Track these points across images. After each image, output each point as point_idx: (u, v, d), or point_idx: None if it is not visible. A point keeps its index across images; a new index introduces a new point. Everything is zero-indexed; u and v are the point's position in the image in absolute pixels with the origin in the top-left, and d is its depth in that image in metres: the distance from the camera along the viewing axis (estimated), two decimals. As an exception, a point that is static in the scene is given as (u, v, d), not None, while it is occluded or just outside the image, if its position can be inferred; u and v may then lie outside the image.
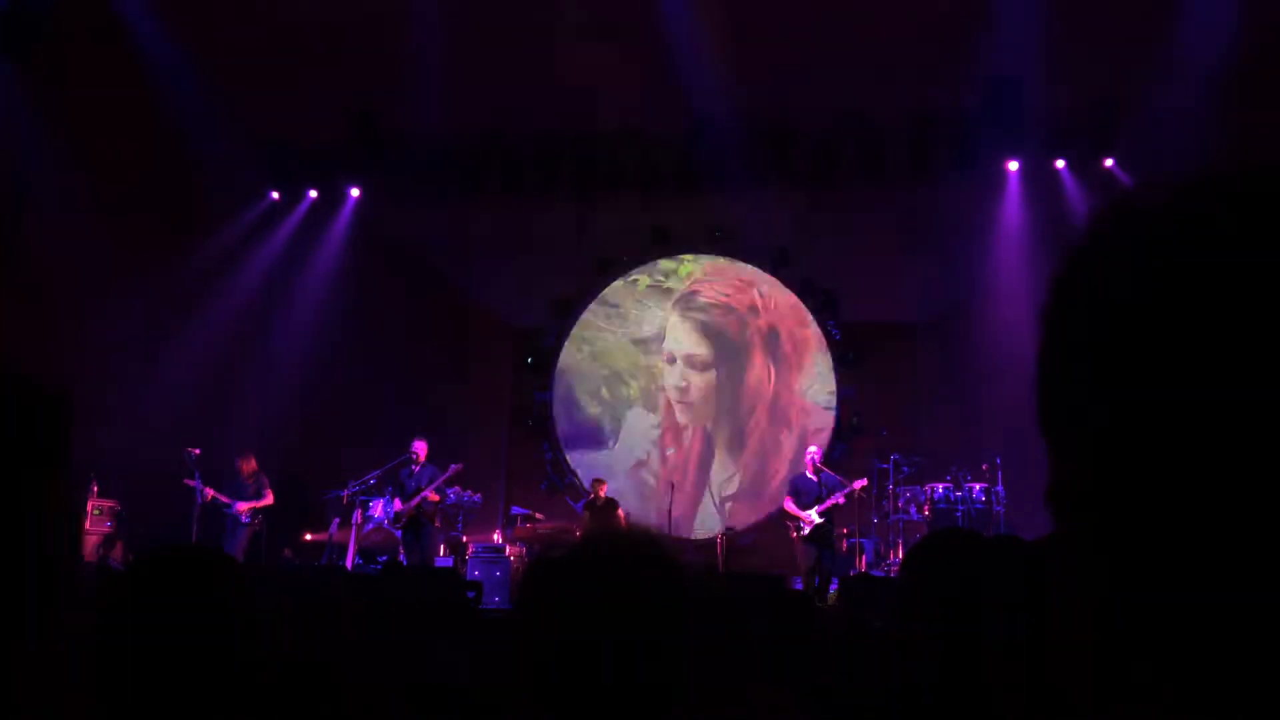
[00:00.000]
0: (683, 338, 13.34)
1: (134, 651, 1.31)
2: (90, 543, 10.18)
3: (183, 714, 1.31)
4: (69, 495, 0.68)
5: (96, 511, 10.40)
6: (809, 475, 10.13)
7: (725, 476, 12.96)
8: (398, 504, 10.29)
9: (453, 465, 10.43)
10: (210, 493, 10.27)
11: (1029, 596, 1.53)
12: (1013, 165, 11.89)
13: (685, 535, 12.18)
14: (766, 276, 13.25)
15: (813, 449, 10.66)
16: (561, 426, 13.45)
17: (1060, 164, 11.71)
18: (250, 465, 10.51)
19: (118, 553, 10.23)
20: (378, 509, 10.84)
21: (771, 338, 13.18)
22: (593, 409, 13.46)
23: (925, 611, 1.72)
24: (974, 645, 1.60)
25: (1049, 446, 0.54)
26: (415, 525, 10.19)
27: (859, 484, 10.15)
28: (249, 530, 10.35)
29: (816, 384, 13.03)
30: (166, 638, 1.32)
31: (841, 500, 10.01)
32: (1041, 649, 1.41)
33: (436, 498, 10.30)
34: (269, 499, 10.51)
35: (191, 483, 10.27)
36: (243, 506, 10.31)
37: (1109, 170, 11.40)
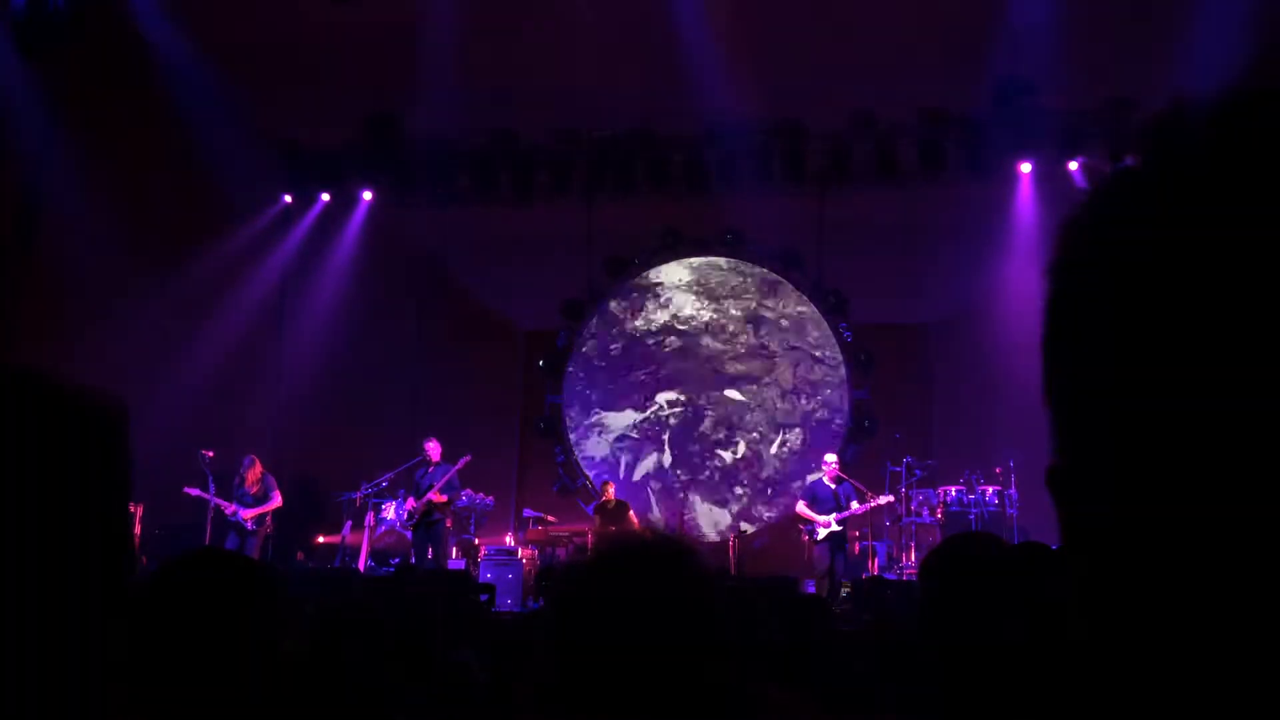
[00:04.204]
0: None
1: (163, 655, 1.32)
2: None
3: (211, 714, 1.32)
4: (127, 511, 0.69)
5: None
6: (827, 483, 10.06)
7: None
8: (410, 503, 10.27)
9: (462, 458, 10.33)
10: (218, 502, 9.96)
11: (1051, 602, 1.53)
12: (1025, 167, 11.85)
13: (699, 538, 12.16)
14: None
15: (831, 458, 10.37)
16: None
17: (1073, 165, 11.66)
18: (255, 472, 10.10)
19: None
20: (390, 511, 10.85)
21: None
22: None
23: (947, 616, 1.72)
24: (996, 650, 1.59)
25: (1053, 422, 0.47)
26: (427, 523, 10.15)
27: (885, 499, 10.13)
28: (258, 537, 10.02)
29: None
30: (197, 641, 1.33)
31: (860, 511, 9.97)
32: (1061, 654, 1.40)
33: (443, 499, 10.19)
34: (276, 500, 10.13)
35: (191, 491, 9.97)
36: (247, 514, 9.96)
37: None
